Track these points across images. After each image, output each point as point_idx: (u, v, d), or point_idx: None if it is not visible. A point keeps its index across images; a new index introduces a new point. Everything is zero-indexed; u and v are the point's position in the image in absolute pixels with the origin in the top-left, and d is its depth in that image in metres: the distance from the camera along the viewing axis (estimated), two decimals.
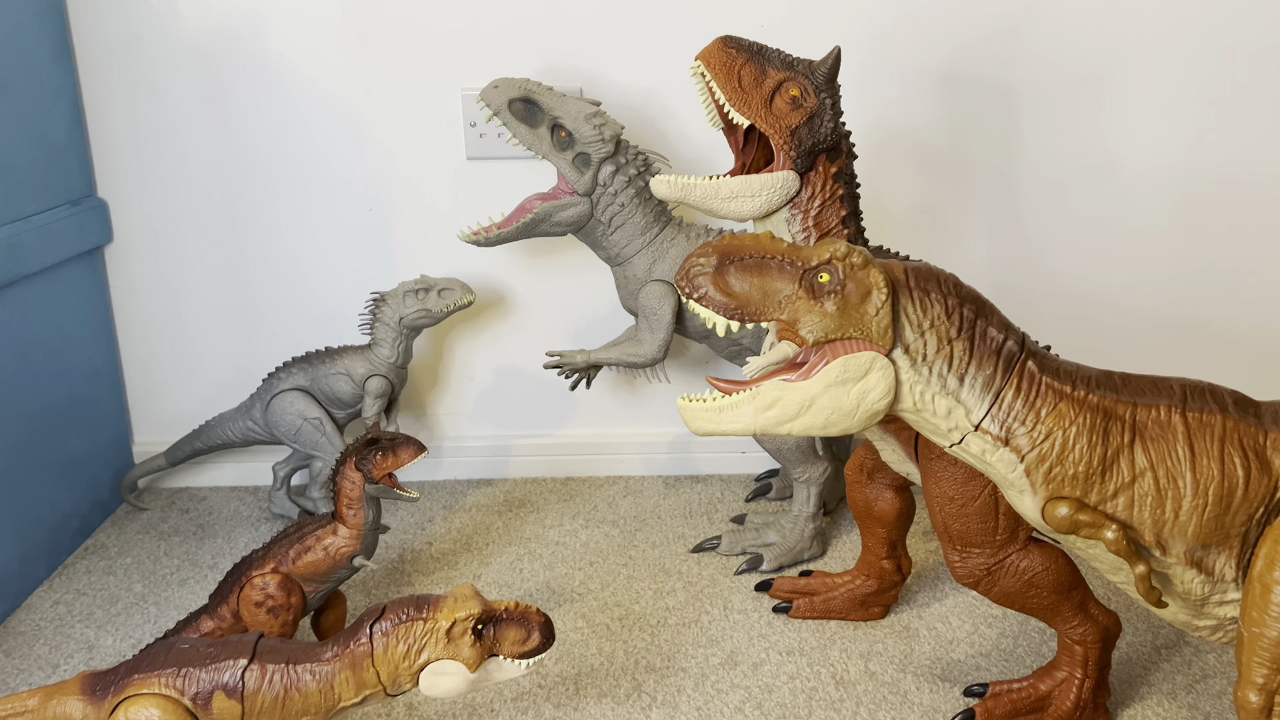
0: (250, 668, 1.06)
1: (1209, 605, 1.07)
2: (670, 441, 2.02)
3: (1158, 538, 1.04)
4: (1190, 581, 1.05)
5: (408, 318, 1.75)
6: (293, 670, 1.06)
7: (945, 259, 1.91)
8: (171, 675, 1.05)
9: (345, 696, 1.07)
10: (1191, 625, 1.11)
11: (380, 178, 1.89)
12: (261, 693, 1.05)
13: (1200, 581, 1.05)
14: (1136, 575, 1.03)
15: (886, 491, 1.49)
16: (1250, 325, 1.93)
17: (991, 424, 1.04)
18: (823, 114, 1.29)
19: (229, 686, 1.05)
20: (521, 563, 1.72)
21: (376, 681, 1.07)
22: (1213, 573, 1.04)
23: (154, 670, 1.06)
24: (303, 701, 1.06)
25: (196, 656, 1.07)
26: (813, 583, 1.58)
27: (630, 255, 1.66)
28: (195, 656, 1.07)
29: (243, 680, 1.05)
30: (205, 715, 1.05)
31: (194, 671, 1.05)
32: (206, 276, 1.92)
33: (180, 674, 1.05)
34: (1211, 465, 1.02)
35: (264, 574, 1.37)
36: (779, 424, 1.05)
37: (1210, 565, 1.04)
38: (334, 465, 1.42)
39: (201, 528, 1.84)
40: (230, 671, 1.06)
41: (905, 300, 1.02)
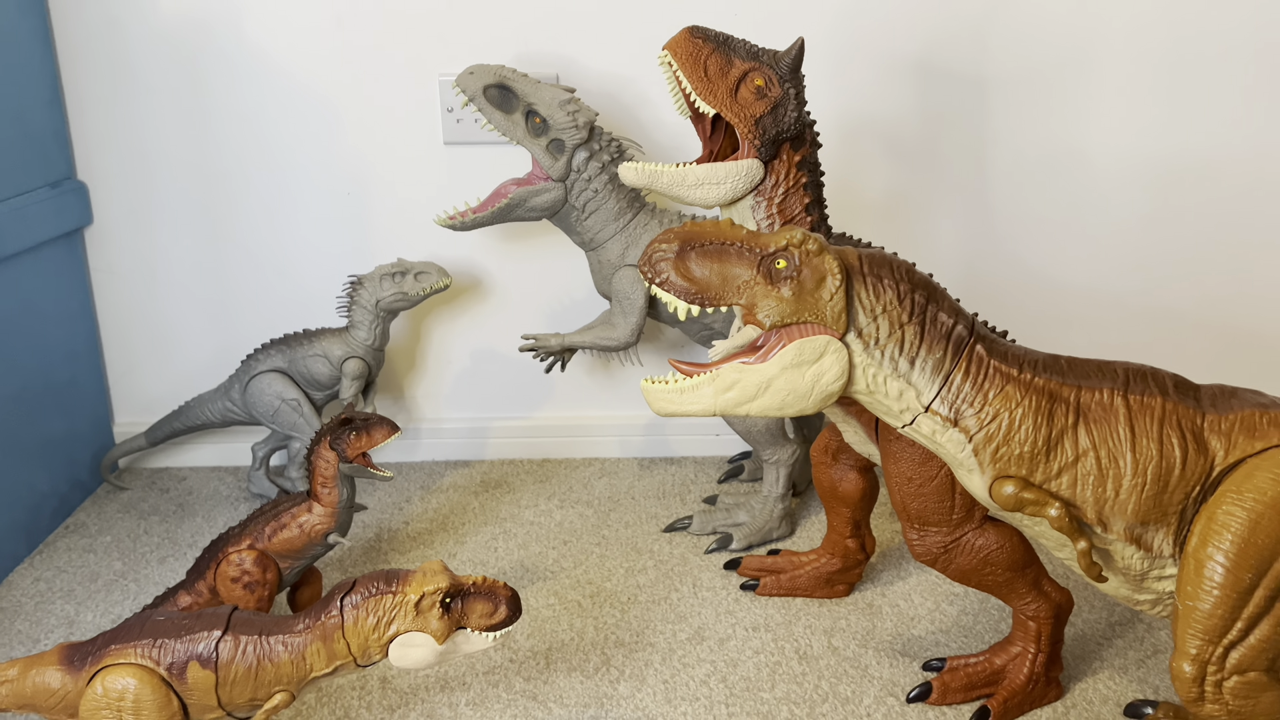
0: (224, 639, 1.10)
1: (1148, 580, 1.12)
2: (645, 424, 2.07)
3: (1099, 515, 1.09)
4: (1130, 557, 1.10)
5: (384, 301, 1.78)
6: (265, 641, 1.11)
7: (916, 246, 1.95)
8: (147, 646, 1.09)
9: (316, 667, 1.11)
10: (1132, 600, 1.16)
11: (358, 162, 1.92)
12: (235, 663, 1.09)
13: (1139, 557, 1.10)
14: (1078, 551, 1.08)
15: (850, 472, 1.53)
16: (1215, 314, 1.99)
17: (941, 405, 1.08)
18: (787, 103, 1.33)
19: (203, 657, 1.09)
20: (496, 542, 1.76)
21: (347, 653, 1.11)
22: (1151, 549, 1.09)
23: (130, 641, 1.10)
24: (275, 671, 1.10)
25: (172, 628, 1.11)
26: (780, 561, 1.63)
27: (604, 240, 1.70)
28: (171, 628, 1.11)
29: (217, 651, 1.09)
30: (180, 685, 1.09)
31: (169, 642, 1.10)
32: (186, 259, 1.95)
33: (156, 645, 1.09)
34: (1151, 446, 1.07)
35: (240, 550, 1.41)
36: (738, 405, 1.10)
37: (1149, 542, 1.09)
38: (309, 445, 1.45)
39: (181, 507, 1.88)
40: (205, 642, 1.10)
41: (859, 286, 1.07)
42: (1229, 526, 1.04)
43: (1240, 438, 1.07)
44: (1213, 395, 1.11)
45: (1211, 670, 1.05)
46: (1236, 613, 1.04)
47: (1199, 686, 1.06)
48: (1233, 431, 1.07)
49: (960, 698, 1.36)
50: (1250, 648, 1.04)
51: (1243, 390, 1.11)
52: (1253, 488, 1.04)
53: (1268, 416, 1.07)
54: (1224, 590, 1.03)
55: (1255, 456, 1.06)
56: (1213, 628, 1.04)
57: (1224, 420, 1.08)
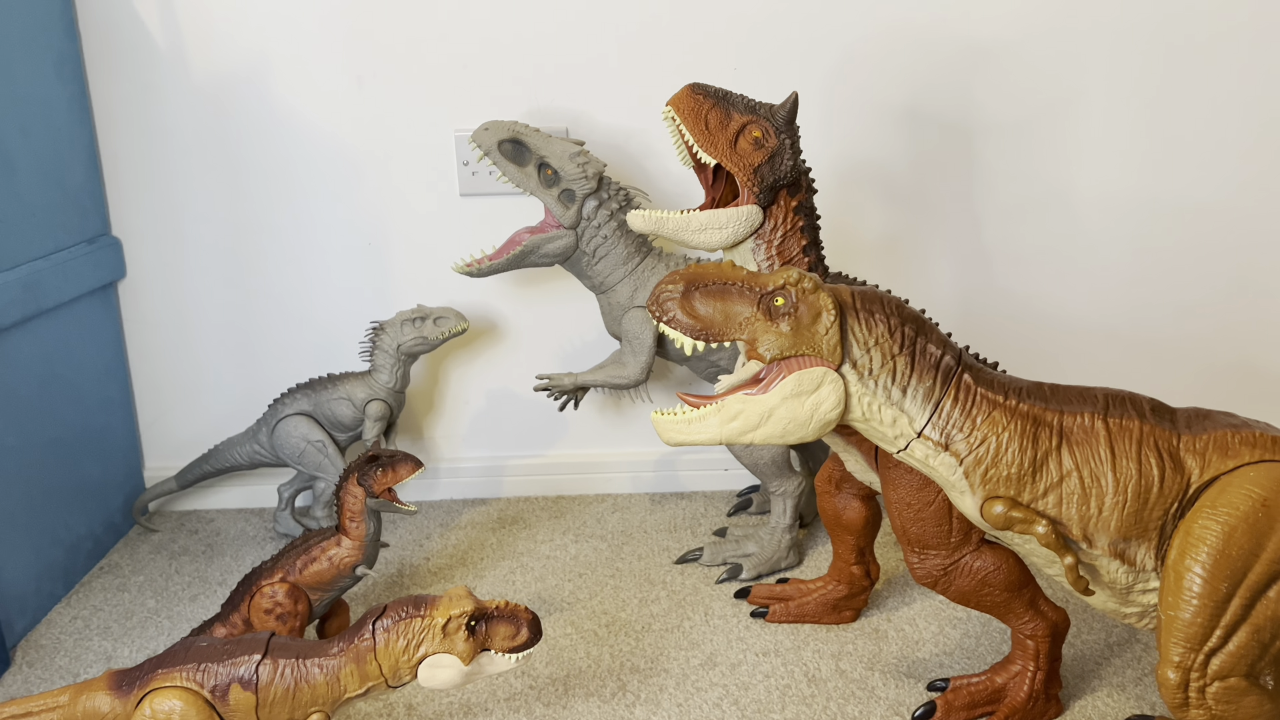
0: (264, 662, 1.17)
1: (1133, 593, 1.19)
2: (656, 460, 2.14)
3: (1084, 532, 1.16)
4: (1115, 571, 1.17)
5: (405, 345, 1.87)
6: (302, 664, 1.18)
7: (912, 284, 2.04)
8: (192, 670, 1.17)
9: (350, 688, 1.19)
10: (1120, 613, 1.23)
11: (378, 214, 2.02)
12: (274, 685, 1.17)
13: (1124, 571, 1.17)
14: (1065, 566, 1.15)
15: (854, 501, 1.60)
16: (1198, 344, 2.06)
17: (932, 431, 1.16)
18: (783, 153, 1.42)
19: (244, 679, 1.16)
20: (514, 575, 1.83)
21: (379, 674, 1.18)
22: (1134, 563, 1.16)
23: (175, 665, 1.17)
24: (311, 693, 1.18)
25: (214, 653, 1.18)
26: (788, 589, 1.69)
27: (614, 284, 1.79)
28: (213, 653, 1.18)
29: (257, 673, 1.17)
30: (223, 706, 1.16)
31: (212, 666, 1.17)
32: (214, 309, 2.05)
33: (200, 668, 1.17)
34: (1130, 465, 1.15)
35: (273, 583, 1.49)
36: (742, 433, 1.18)
37: (1132, 556, 1.16)
38: (338, 481, 1.53)
39: (210, 547, 1.96)
40: (245, 666, 1.17)
41: (852, 320, 1.15)
42: (1205, 540, 1.11)
43: (1214, 456, 1.14)
44: (1188, 417, 1.18)
45: (1194, 677, 1.12)
46: (1215, 621, 1.11)
47: (1183, 693, 1.12)
48: (1207, 450, 1.15)
49: (964, 716, 1.42)
50: (1230, 654, 1.11)
51: (1216, 412, 1.19)
52: (1226, 503, 1.11)
53: (1239, 436, 1.15)
54: (1202, 600, 1.10)
55: (1228, 474, 1.13)
56: (1193, 636, 1.11)
57: (1198, 440, 1.15)
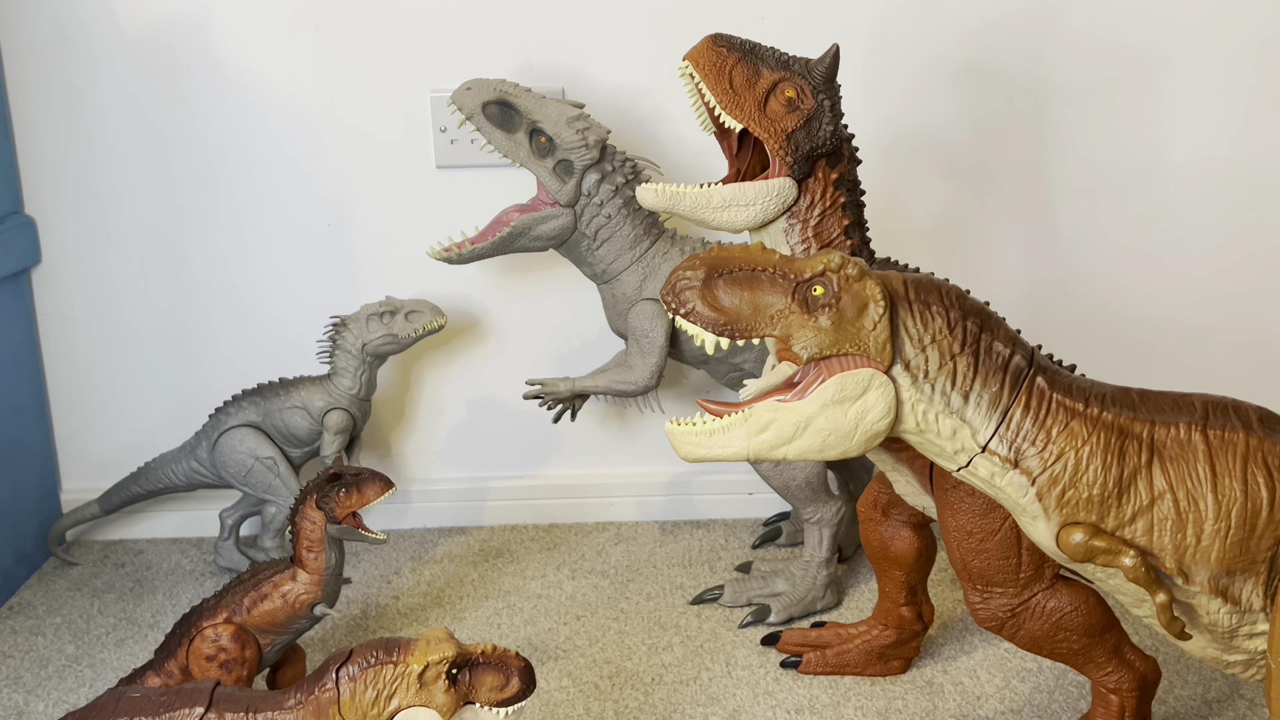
0: (207, 717, 1.19)
1: (1238, 638, 1.20)
2: (667, 482, 2.15)
3: (1179, 564, 1.17)
4: (1216, 612, 1.19)
5: (371, 344, 1.88)
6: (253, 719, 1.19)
7: (970, 272, 2.05)
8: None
9: None
10: (1221, 661, 1.24)
11: (340, 190, 2.03)
12: None
13: (1226, 611, 1.18)
14: (1157, 605, 1.17)
15: (903, 529, 1.62)
16: None
17: (999, 445, 1.17)
18: (821, 116, 1.44)
19: None
20: (500, 617, 1.85)
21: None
22: (1239, 601, 1.18)
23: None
24: None
25: (148, 706, 1.20)
26: (825, 634, 1.71)
27: (618, 272, 1.80)
28: (147, 706, 1.20)
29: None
30: None
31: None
32: (146, 301, 2.06)
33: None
34: (1234, 486, 1.16)
35: (216, 624, 1.50)
36: (774, 448, 1.19)
37: (1236, 593, 1.17)
38: (292, 505, 1.55)
39: (139, 584, 1.97)
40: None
41: (904, 314, 1.16)
42: None
43: None
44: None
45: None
46: None
47: None
48: None
49: None
50: None
51: None
52: None
53: None
54: None
55: None
56: None
57: None
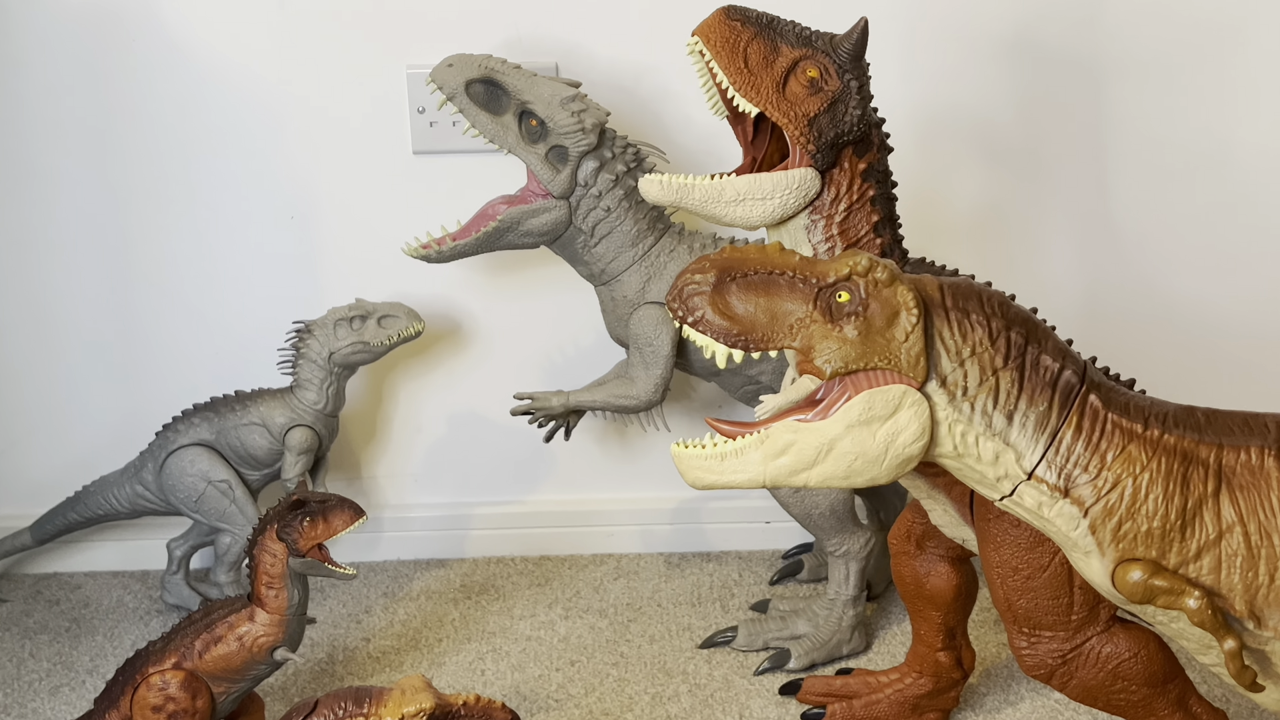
0: None
1: None
2: (673, 509, 2.13)
3: (1250, 606, 1.15)
4: None
5: (339, 353, 1.86)
6: None
7: (1016, 275, 2.03)
8: None
9: None
10: None
11: (305, 178, 2.01)
12: None
13: None
14: (1226, 652, 1.14)
15: (940, 564, 1.60)
16: None
17: (1048, 471, 1.15)
18: (847, 99, 1.42)
19: None
20: (484, 663, 1.82)
21: None
22: None
23: None
24: None
25: None
26: (852, 683, 1.69)
27: (618, 272, 1.79)
28: None
29: None
30: None
31: None
32: (83, 304, 2.04)
33: None
34: None
35: (164, 670, 1.48)
36: (793, 473, 1.17)
37: None
38: (251, 534, 1.53)
39: (76, 623, 1.95)
40: None
41: (940, 323, 1.15)
42: None
43: None
44: None
45: None
46: None
47: None
48: None
49: None
50: None
51: None
52: None
53: None
54: None
55: None
56: None
57: None
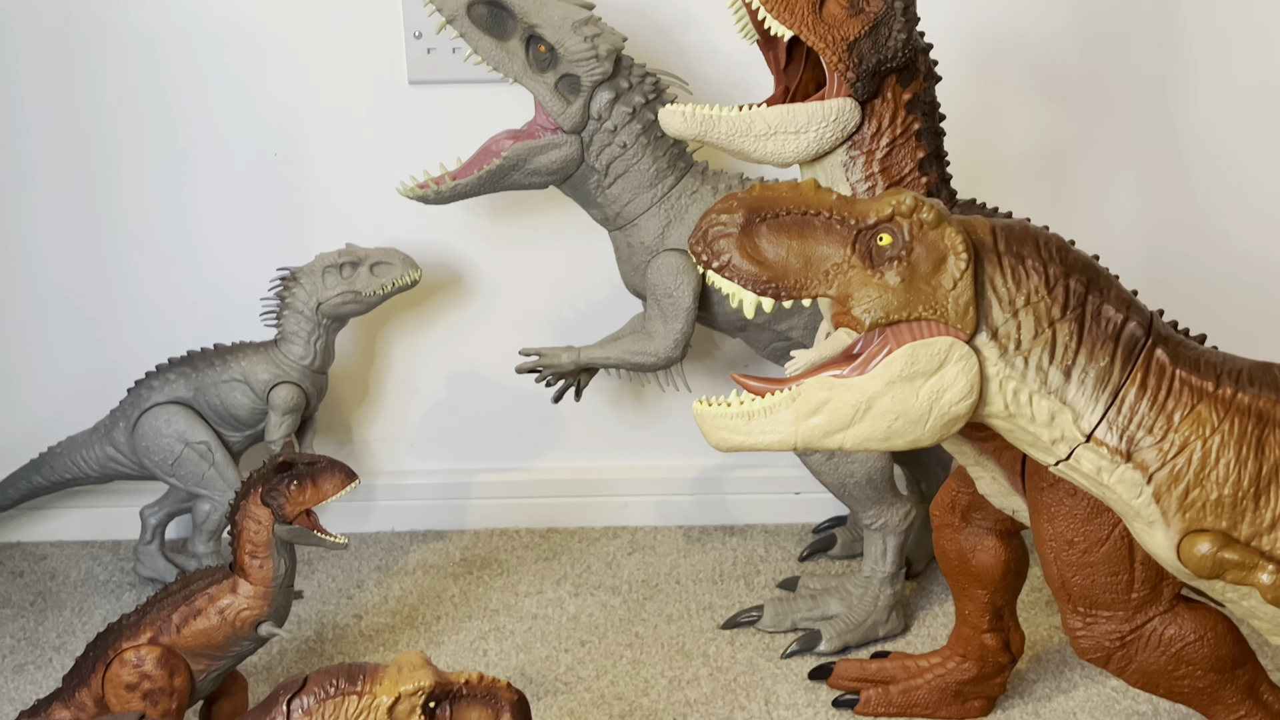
0: None
1: None
2: (693, 479, 2.16)
3: None
4: None
5: (328, 303, 1.90)
6: None
7: (1074, 221, 2.05)
8: None
9: None
10: None
11: (289, 111, 2.04)
12: None
13: None
14: None
15: (987, 538, 1.63)
16: None
17: (1108, 433, 1.18)
18: (891, 21, 1.45)
19: None
20: (486, 642, 1.87)
21: None
22: None
23: None
24: None
25: None
26: (889, 667, 1.72)
27: (635, 216, 1.81)
28: None
29: None
30: None
31: None
32: (51, 248, 2.08)
33: None
34: None
35: (138, 646, 1.52)
36: (828, 434, 1.20)
37: None
38: (233, 500, 1.57)
39: (41, 596, 2.00)
40: None
41: (992, 269, 1.17)
42: None
43: None
44: None
45: None
46: None
47: None
48: None
49: None
50: None
51: None
52: None
53: None
54: None
55: None
56: None
57: None
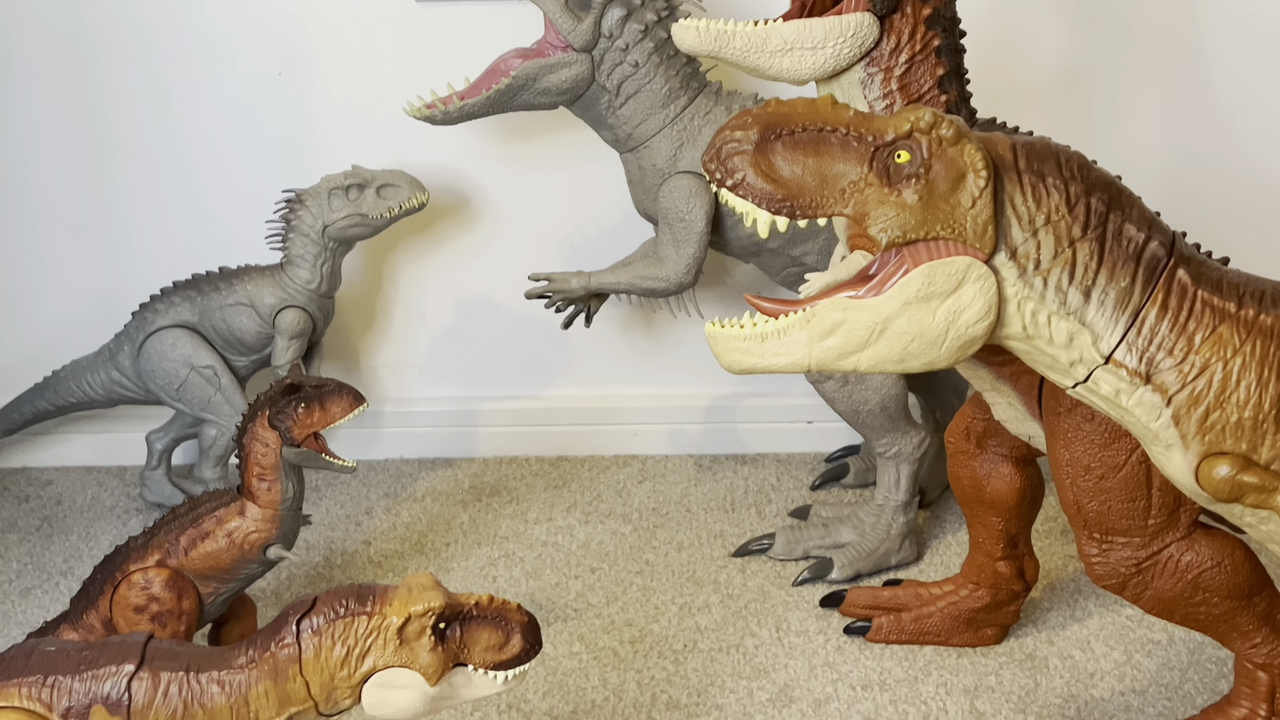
0: (139, 675, 1.21)
1: None
2: (705, 407, 2.15)
3: None
4: None
5: (334, 226, 1.88)
6: (194, 680, 1.21)
7: (1094, 141, 2.02)
8: (35, 685, 1.20)
9: (264, 715, 1.22)
10: None
11: (295, 31, 2.01)
12: (155, 708, 1.20)
13: None
14: None
15: (1003, 465, 1.61)
16: None
17: (1127, 355, 1.16)
18: None
19: (111, 700, 1.20)
20: (495, 569, 1.87)
21: (305, 696, 1.21)
22: None
23: (13, 679, 1.21)
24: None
25: (68, 662, 1.22)
26: (901, 595, 1.72)
27: (647, 137, 1.79)
28: (66, 662, 1.22)
29: (129, 692, 1.20)
30: None
31: (65, 681, 1.21)
32: (53, 170, 2.06)
33: (47, 683, 1.21)
34: None
35: (146, 569, 1.52)
36: (841, 356, 1.18)
37: None
38: (240, 423, 1.56)
39: (48, 521, 2.00)
40: (113, 681, 1.21)
41: (1012, 187, 1.15)
42: None
43: None
44: None
45: None
46: None
47: None
48: None
49: None
50: None
51: None
52: None
53: None
54: None
55: None
56: None
57: None
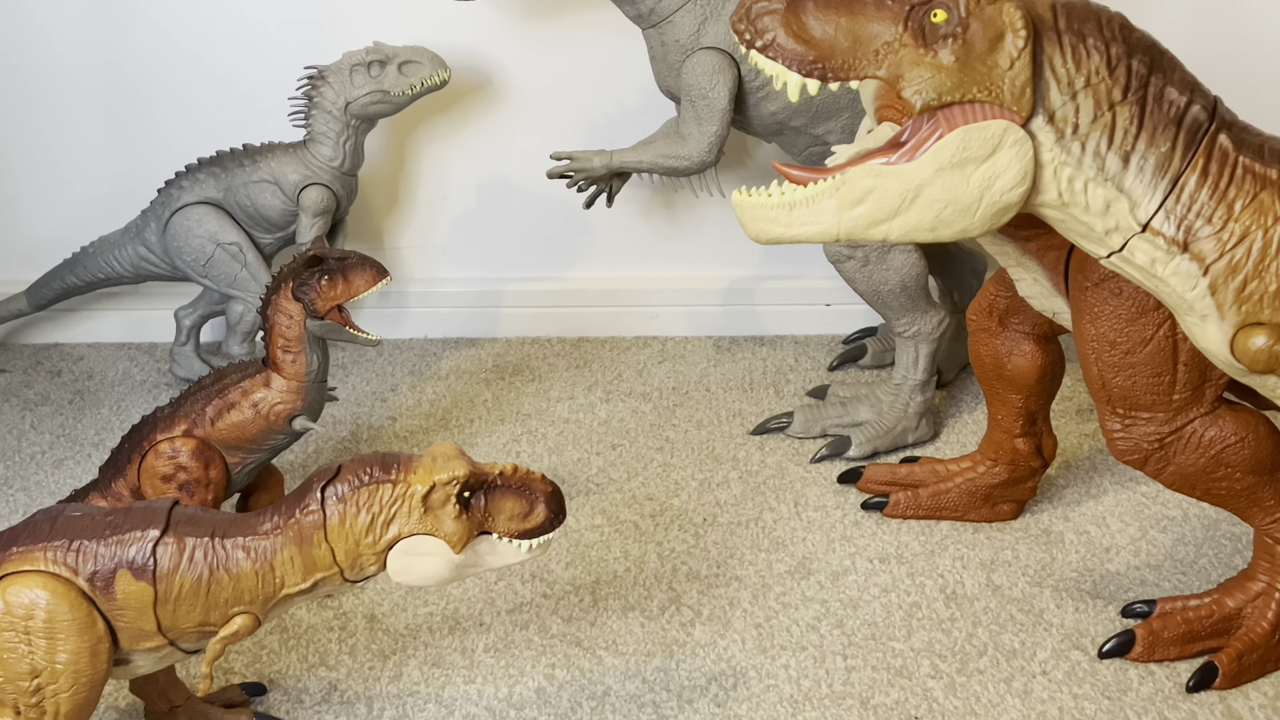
0: (164, 541, 1.18)
1: None
2: (724, 289, 2.12)
3: None
4: None
5: (356, 103, 1.83)
6: (220, 546, 1.19)
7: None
8: (61, 549, 1.18)
9: (290, 581, 1.20)
10: None
11: None
12: (180, 573, 1.18)
13: None
14: None
15: (1024, 342, 1.57)
16: None
17: (1165, 222, 1.11)
18: None
19: (137, 565, 1.18)
20: (518, 444, 1.85)
21: (331, 562, 1.19)
22: None
23: (37, 543, 1.19)
24: (233, 586, 1.19)
25: (93, 526, 1.20)
26: (918, 471, 1.69)
27: (670, 12, 1.72)
28: (92, 527, 1.20)
29: (154, 556, 1.18)
30: (106, 600, 1.18)
31: (90, 545, 1.18)
32: (74, 50, 2.01)
33: (73, 548, 1.18)
34: None
35: (174, 438, 1.50)
36: (872, 224, 1.14)
37: None
38: (264, 295, 1.52)
39: (79, 395, 1.98)
40: (138, 545, 1.18)
41: (1051, 48, 1.09)
42: None
43: None
44: None
45: None
46: None
47: None
48: None
49: (1175, 652, 1.42)
50: None
51: None
52: None
53: None
54: None
55: None
56: None
57: None
